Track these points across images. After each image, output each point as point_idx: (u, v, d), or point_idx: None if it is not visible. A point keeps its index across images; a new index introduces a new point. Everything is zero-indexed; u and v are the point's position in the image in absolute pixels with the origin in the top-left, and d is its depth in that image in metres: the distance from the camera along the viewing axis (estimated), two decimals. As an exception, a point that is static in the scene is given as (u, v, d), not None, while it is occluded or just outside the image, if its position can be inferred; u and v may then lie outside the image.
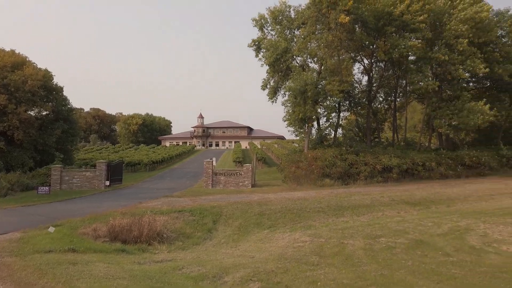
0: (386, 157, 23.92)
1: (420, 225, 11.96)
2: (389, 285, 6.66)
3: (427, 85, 26.22)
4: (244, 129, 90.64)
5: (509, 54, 28.40)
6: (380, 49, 26.22)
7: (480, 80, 32.35)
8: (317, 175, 22.35)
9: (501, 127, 34.23)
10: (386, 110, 33.37)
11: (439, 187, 20.79)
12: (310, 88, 23.81)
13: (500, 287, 6.47)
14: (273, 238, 11.20)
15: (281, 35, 26.75)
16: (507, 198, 18.35)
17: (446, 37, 25.48)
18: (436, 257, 8.47)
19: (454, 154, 27.38)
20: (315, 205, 15.24)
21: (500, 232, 10.82)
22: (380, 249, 9.20)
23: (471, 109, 25.74)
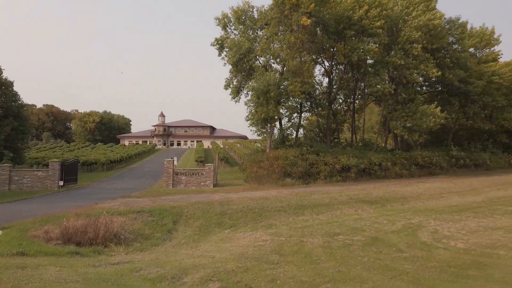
0: (345, 157, 24.63)
1: (376, 222, 12.41)
2: (345, 281, 6.84)
3: (384, 88, 27.31)
4: (207, 129, 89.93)
5: (459, 60, 30.17)
6: (340, 52, 26.95)
7: (432, 84, 34.09)
8: (279, 175, 22.59)
9: (451, 129, 36.33)
10: (346, 112, 34.35)
11: (394, 186, 21.68)
12: (273, 89, 24.03)
13: (448, 280, 6.84)
14: (234, 238, 11.18)
15: (244, 35, 26.81)
16: (456, 196, 19.49)
17: (402, 43, 26.65)
18: (390, 253, 8.81)
19: (408, 155, 28.68)
20: (276, 204, 15.39)
21: (449, 229, 11.45)
22: (338, 247, 9.44)
23: (424, 112, 27.07)
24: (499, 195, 19.85)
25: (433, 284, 6.64)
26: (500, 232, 11.07)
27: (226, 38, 27.45)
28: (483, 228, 11.62)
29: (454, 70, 29.24)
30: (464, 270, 7.45)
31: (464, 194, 20.28)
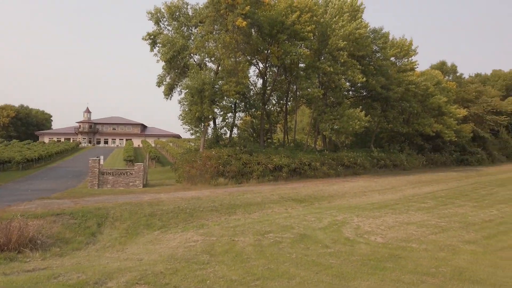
0: (277, 157, 25.24)
1: (304, 220, 12.88)
2: (274, 278, 6.99)
3: (314, 92, 28.49)
4: (137, 126, 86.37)
5: (382, 68, 32.57)
6: (274, 55, 27.56)
7: (358, 89, 36.32)
8: (212, 174, 22.45)
9: (373, 132, 39.03)
10: (279, 113, 35.20)
11: (322, 185, 22.71)
12: (207, 88, 23.81)
13: (367, 273, 7.31)
14: (164, 239, 10.86)
15: (179, 31, 26.16)
16: (377, 194, 20.98)
17: (330, 49, 28.04)
18: (316, 249, 9.20)
19: (335, 155, 30.22)
20: (209, 204, 15.27)
21: (370, 225, 12.27)
22: (268, 244, 9.63)
23: (350, 115, 28.73)
24: (413, 193, 21.79)
25: (354, 276, 7.06)
26: (413, 226, 12.12)
27: (159, 34, 26.54)
28: (399, 223, 12.64)
29: (377, 77, 31.47)
30: (382, 262, 8.03)
31: (384, 192, 21.91)
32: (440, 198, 19.55)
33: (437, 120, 39.35)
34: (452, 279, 6.96)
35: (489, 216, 14.63)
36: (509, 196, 21.17)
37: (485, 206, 17.13)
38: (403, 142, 40.92)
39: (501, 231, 11.75)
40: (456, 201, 18.55)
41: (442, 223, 12.87)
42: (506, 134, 59.07)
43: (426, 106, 38.82)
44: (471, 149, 48.48)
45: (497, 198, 20.25)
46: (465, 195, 21.23)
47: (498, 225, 12.77)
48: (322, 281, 6.83)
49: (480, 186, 26.00)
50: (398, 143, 40.37)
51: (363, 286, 6.59)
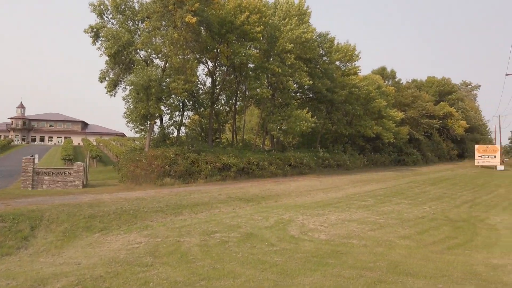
0: (226, 156, 25.19)
1: (251, 219, 12.96)
2: (220, 277, 6.96)
3: (263, 92, 28.82)
4: (78, 124, 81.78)
5: (327, 71, 33.76)
6: (223, 54, 27.47)
7: (305, 91, 37.32)
8: (158, 174, 21.86)
9: (319, 133, 40.35)
10: (228, 113, 35.14)
11: (270, 185, 23.03)
12: (154, 85, 23.14)
13: (311, 269, 7.52)
14: (104, 242, 10.37)
15: (124, 25, 25.12)
16: (321, 193, 21.67)
17: (278, 51, 28.53)
18: (262, 247, 9.30)
19: (283, 155, 30.79)
20: (154, 205, 14.85)
21: (314, 222, 12.64)
22: (215, 244, 9.56)
23: (298, 116, 29.43)
24: (355, 192, 22.79)
25: (298, 273, 7.23)
26: (354, 224, 12.67)
27: (103, 27, 25.30)
28: (341, 221, 13.16)
29: (323, 80, 32.59)
30: (324, 258, 8.31)
31: (328, 191, 22.69)
32: (379, 197, 20.65)
33: (377, 123, 41.58)
34: (388, 272, 7.36)
35: (422, 212, 15.70)
36: (440, 194, 22.90)
37: (418, 204, 18.37)
38: (346, 143, 42.71)
39: (432, 227, 12.65)
40: (393, 199, 19.70)
41: (380, 220, 13.59)
42: (438, 137, 63.88)
43: (367, 109, 40.84)
44: (408, 150, 51.91)
45: (429, 196, 21.81)
46: (401, 193, 22.61)
47: (429, 221, 13.73)
48: (267, 279, 6.91)
49: (415, 185, 27.84)
50: (342, 144, 42.05)
51: (306, 282, 6.76)
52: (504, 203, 19.54)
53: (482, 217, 14.97)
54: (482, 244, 10.22)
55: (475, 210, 17.02)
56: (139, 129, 25.86)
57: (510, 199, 21.24)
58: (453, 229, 12.25)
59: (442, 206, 17.74)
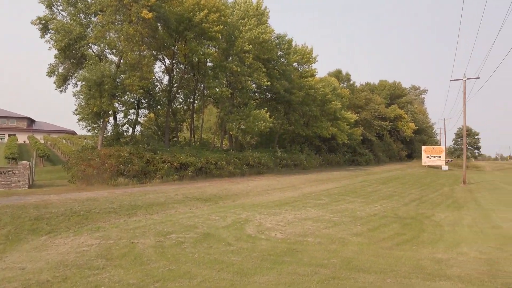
0: (183, 156, 24.80)
1: (208, 219, 12.84)
2: (175, 279, 6.82)
3: (222, 92, 28.68)
4: (23, 120, 76.75)
5: (285, 72, 34.28)
6: (181, 52, 27.01)
7: (263, 91, 37.68)
8: (111, 174, 21.09)
9: (277, 133, 40.88)
10: (185, 111, 34.63)
11: (227, 184, 22.96)
12: (107, 81, 22.29)
13: (267, 267, 7.58)
14: (52, 245, 9.81)
15: (75, 18, 23.90)
16: (278, 192, 21.93)
17: (237, 51, 28.55)
18: (219, 247, 9.23)
19: (241, 155, 30.85)
20: (106, 206, 14.28)
21: (271, 221, 12.75)
22: (170, 245, 9.36)
23: (256, 116, 29.63)
24: (311, 191, 23.30)
25: (255, 272, 7.25)
26: (310, 222, 12.94)
27: (52, 19, 23.96)
28: (297, 219, 13.38)
29: (281, 81, 33.05)
30: (281, 257, 8.40)
31: (285, 190, 23.01)
32: (333, 195, 21.25)
33: (333, 124, 42.85)
34: (342, 268, 7.59)
35: (373, 210, 16.34)
36: (390, 192, 23.98)
37: (370, 202, 19.11)
38: (303, 143, 43.60)
39: (382, 224, 13.20)
40: (347, 198, 20.36)
41: (334, 218, 13.98)
42: (389, 138, 66.99)
43: (324, 111, 41.97)
44: (361, 151, 53.98)
45: (381, 194, 22.77)
46: (355, 192, 23.42)
47: (380, 219, 14.33)
48: (223, 278, 6.88)
49: (367, 184, 28.95)
50: (299, 144, 42.89)
51: (263, 280, 6.80)
52: (448, 201, 20.83)
53: (428, 214, 15.85)
54: (428, 240, 10.80)
55: (422, 207, 17.99)
56: (91, 127, 24.79)
57: (453, 197, 22.68)
58: (401, 226, 12.86)
59: (392, 204, 18.58)
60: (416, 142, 77.60)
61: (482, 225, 13.27)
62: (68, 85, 25.67)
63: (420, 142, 77.17)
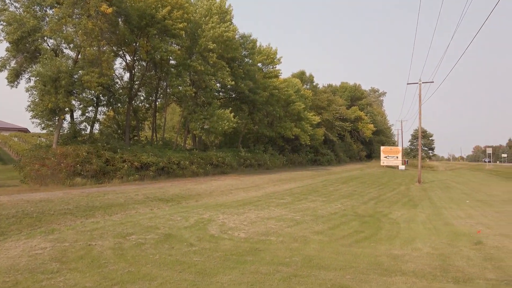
0: (145, 155, 24.21)
1: (170, 220, 12.61)
2: (135, 281, 6.64)
3: (185, 90, 28.28)
4: (-29, 117, 71.92)
5: (249, 72, 34.35)
6: (142, 49, 26.35)
7: (227, 91, 37.57)
8: (67, 174, 20.19)
9: (241, 133, 40.88)
10: (147, 110, 33.85)
11: (190, 184, 22.68)
12: (64, 77, 21.31)
13: (230, 267, 7.55)
14: (1, 249, 9.24)
15: (29, 10, 22.61)
16: (242, 192, 21.95)
17: (200, 49, 28.26)
18: (181, 248, 9.09)
19: (204, 154, 30.58)
20: (62, 207, 13.65)
21: (234, 221, 12.74)
22: (130, 247, 9.10)
23: (220, 116, 29.46)
24: (274, 190, 23.52)
25: (217, 272, 7.21)
26: (273, 221, 13.05)
27: (4, 10, 22.54)
28: (260, 218, 13.45)
29: (246, 81, 33.10)
30: (243, 256, 8.41)
31: (249, 190, 23.07)
32: (296, 194, 21.57)
33: (296, 125, 43.50)
34: (303, 266, 7.71)
35: (334, 209, 16.75)
36: (350, 191, 24.69)
37: (331, 201, 19.58)
38: (267, 143, 43.95)
39: (343, 222, 13.56)
40: (309, 197, 20.73)
41: (297, 216, 14.19)
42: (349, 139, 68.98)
43: (287, 112, 42.52)
44: (323, 151, 55.22)
45: (341, 193, 23.39)
46: (317, 191, 23.90)
47: (341, 217, 14.71)
48: (185, 279, 6.78)
49: (328, 183, 29.64)
50: (263, 144, 43.18)
51: (225, 280, 6.77)
52: (404, 199, 21.75)
53: (385, 212, 16.46)
54: (385, 236, 11.22)
55: (380, 206, 18.66)
56: (45, 125, 23.58)
57: (409, 196, 23.71)
58: (360, 224, 13.27)
59: (352, 203, 19.14)
60: (375, 142, 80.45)
61: (435, 222, 13.96)
62: (20, 80, 24.28)
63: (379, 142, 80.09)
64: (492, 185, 32.41)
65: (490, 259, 8.49)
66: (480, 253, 9.04)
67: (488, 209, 17.56)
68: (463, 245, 9.92)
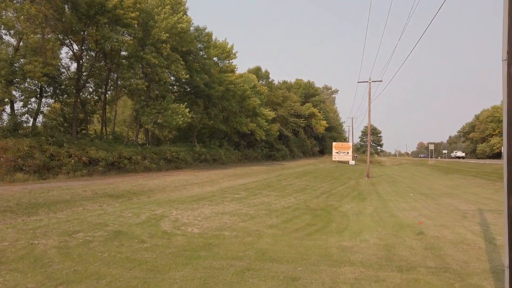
0: (94, 150, 23.18)
1: (121, 216, 12.20)
2: (81, 280, 6.35)
3: (137, 84, 27.36)
4: None
5: (205, 66, 33.95)
6: (91, 38, 25.12)
7: (182, 84, 36.87)
8: (7, 169, 18.82)
9: (196, 127, 40.36)
10: (96, 102, 32.37)
11: (143, 179, 22.06)
12: (3, 65, 19.84)
13: (182, 263, 7.45)
14: None
15: (-37, -9, 20.79)
16: (196, 187, 21.72)
17: (154, 41, 27.44)
18: (132, 245, 8.82)
19: (158, 149, 29.86)
20: (1, 204, 12.73)
21: (188, 217, 12.57)
22: (77, 245, 8.69)
23: (175, 110, 28.86)
24: (229, 185, 23.51)
25: (169, 268, 7.08)
26: (227, 216, 13.04)
27: None
28: (215, 213, 13.39)
29: (201, 75, 32.67)
30: (196, 252, 8.32)
31: (203, 185, 22.88)
32: (251, 189, 21.71)
33: (252, 120, 43.74)
34: (256, 260, 7.78)
35: (287, 203, 17.07)
36: (303, 186, 25.28)
37: (285, 195, 19.93)
38: (223, 139, 43.80)
39: (295, 216, 13.85)
40: (264, 191, 20.96)
41: (251, 211, 14.29)
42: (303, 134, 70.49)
43: (243, 107, 42.60)
44: (278, 146, 56.02)
45: (294, 187, 23.88)
46: (271, 186, 24.22)
47: (294, 211, 15.02)
48: (135, 277, 6.59)
49: (283, 178, 30.14)
50: (218, 139, 42.97)
51: (177, 276, 6.67)
52: (354, 193, 22.64)
53: (336, 205, 17.04)
54: (335, 229, 11.61)
55: (331, 199, 19.29)
56: (-18, 116, 21.83)
57: (358, 190, 24.71)
58: (312, 217, 13.63)
59: (305, 197, 19.61)
60: (327, 138, 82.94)
61: (382, 214, 14.68)
62: (-48, 67, 22.19)
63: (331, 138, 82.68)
64: (434, 179, 34.65)
65: (430, 248, 9.07)
66: (422, 243, 9.63)
67: (430, 201, 18.76)
68: (406, 236, 10.51)
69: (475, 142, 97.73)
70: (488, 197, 20.38)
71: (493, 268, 7.46)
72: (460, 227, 11.89)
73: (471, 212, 15.31)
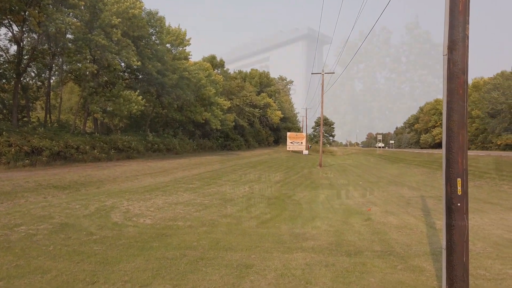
0: (37, 138, 21.81)
1: (67, 208, 11.63)
2: (24, 275, 6.00)
3: (86, 67, 25.97)
4: None
5: (158, 53, 32.88)
6: (34, 19, 23.40)
7: (134, 71, 35.52)
8: None
9: (149, 116, 39.22)
10: (39, 88, 30.35)
11: (91, 170, 21.13)
12: None
13: (134, 254, 7.27)
14: None
15: None
16: (149, 178, 21.19)
17: (103, 24, 26.12)
18: (80, 237, 8.46)
19: (108, 138, 28.68)
20: None
21: (140, 207, 12.25)
22: (19, 239, 8.18)
23: (126, 98, 27.80)
24: (183, 175, 23.17)
25: (120, 260, 6.88)
26: (181, 206, 12.87)
27: None
28: (168, 204, 13.17)
29: (153, 62, 31.63)
30: (149, 243, 8.15)
31: (156, 175, 22.36)
32: (205, 179, 21.56)
33: (207, 109, 43.28)
34: (210, 249, 7.77)
35: (242, 192, 17.16)
36: (258, 175, 25.52)
37: (240, 185, 20.01)
38: (177, 128, 43.00)
39: (250, 204, 13.97)
40: (219, 181, 20.90)
41: (205, 201, 14.21)
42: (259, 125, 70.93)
43: (198, 96, 41.98)
44: (233, 136, 55.96)
45: (249, 177, 24.04)
46: (226, 175, 24.19)
47: (248, 200, 15.13)
48: (83, 270, 6.33)
49: (238, 167, 30.21)
50: (173, 129, 42.12)
51: (128, 268, 6.50)
52: (307, 182, 23.22)
53: (289, 194, 17.40)
54: (289, 217, 11.86)
55: (285, 188, 19.65)
56: None
57: (311, 179, 25.38)
58: (267, 206, 13.82)
59: (260, 186, 19.81)
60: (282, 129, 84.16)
61: (333, 202, 15.21)
62: None
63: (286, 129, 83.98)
64: (381, 168, 36.43)
65: (377, 233, 9.56)
66: (369, 229, 10.12)
67: (377, 189, 19.72)
68: (355, 222, 10.99)
69: (419, 132, 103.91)
70: (430, 185, 21.82)
71: (432, 250, 8.02)
72: (404, 213, 12.64)
73: (415, 198, 16.31)
